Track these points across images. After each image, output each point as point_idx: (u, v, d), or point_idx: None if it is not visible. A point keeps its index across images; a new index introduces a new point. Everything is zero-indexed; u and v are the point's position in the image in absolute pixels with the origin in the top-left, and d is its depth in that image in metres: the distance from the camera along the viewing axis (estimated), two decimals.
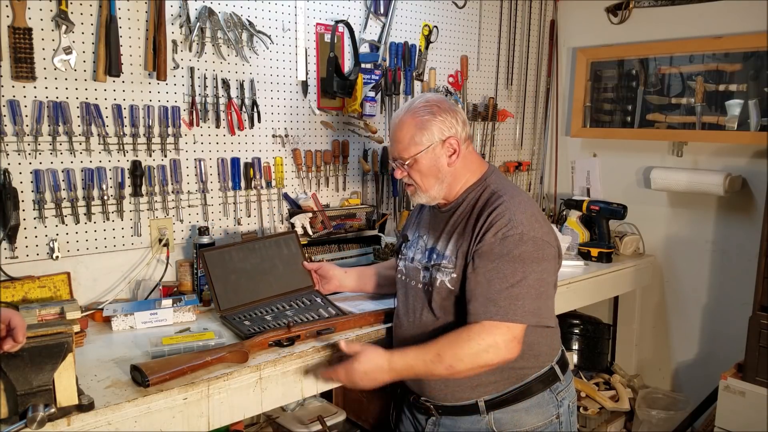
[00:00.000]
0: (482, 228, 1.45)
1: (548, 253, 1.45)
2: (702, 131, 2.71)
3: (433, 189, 1.56)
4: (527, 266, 1.40)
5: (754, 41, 2.54)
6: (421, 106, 1.54)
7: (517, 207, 1.45)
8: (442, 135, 1.52)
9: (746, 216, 2.69)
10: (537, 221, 1.45)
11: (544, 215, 1.53)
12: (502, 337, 1.39)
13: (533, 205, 1.50)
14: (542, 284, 1.42)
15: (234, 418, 1.49)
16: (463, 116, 1.56)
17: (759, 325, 2.28)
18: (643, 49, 2.90)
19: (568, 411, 1.57)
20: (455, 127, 1.53)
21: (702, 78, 2.70)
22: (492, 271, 1.41)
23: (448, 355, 1.40)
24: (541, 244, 1.43)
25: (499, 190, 1.51)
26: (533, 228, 1.42)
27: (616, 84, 3.02)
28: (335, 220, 2.43)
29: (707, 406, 2.60)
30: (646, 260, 2.90)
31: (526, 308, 1.39)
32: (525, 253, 1.40)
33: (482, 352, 1.38)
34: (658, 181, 2.80)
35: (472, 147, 1.59)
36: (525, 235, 1.41)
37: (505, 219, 1.43)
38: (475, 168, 1.57)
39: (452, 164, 1.54)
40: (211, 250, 1.89)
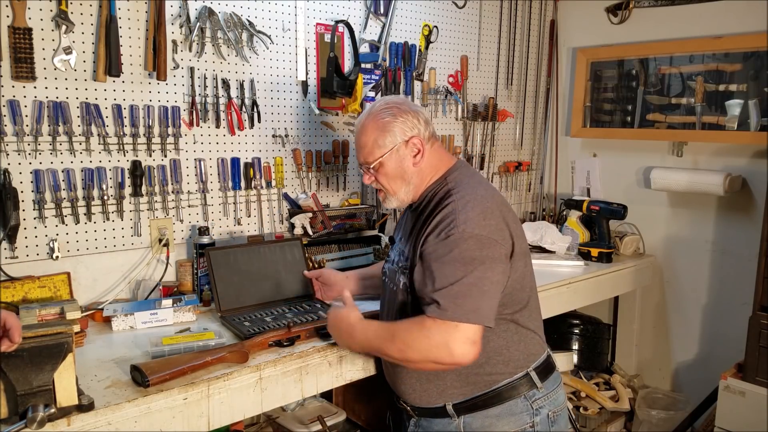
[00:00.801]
0: (429, 228, 1.43)
1: (494, 252, 1.38)
2: (702, 131, 2.71)
3: (401, 191, 1.55)
4: (468, 265, 1.36)
5: (754, 41, 2.54)
6: (381, 109, 1.53)
7: (464, 205, 1.41)
8: (404, 135, 1.51)
9: (746, 216, 2.69)
10: (486, 218, 1.40)
11: (505, 212, 1.45)
12: (452, 336, 1.34)
13: (485, 202, 1.43)
14: (485, 283, 1.36)
15: (234, 418, 1.49)
16: (425, 116, 1.55)
17: (759, 325, 2.28)
18: (643, 49, 2.90)
19: (548, 420, 1.50)
20: (417, 126, 1.52)
21: (702, 78, 2.70)
22: (435, 270, 1.38)
23: (401, 339, 1.41)
24: (485, 242, 1.37)
25: (455, 187, 1.47)
26: (479, 226, 1.38)
27: (616, 84, 3.02)
28: (335, 220, 2.43)
29: (707, 406, 2.60)
30: (646, 260, 2.90)
31: (466, 307, 1.34)
32: (466, 251, 1.36)
33: (433, 348, 1.36)
34: (658, 181, 2.80)
35: (437, 144, 1.57)
36: (466, 233, 1.37)
37: (449, 219, 1.40)
38: (440, 165, 1.55)
39: (417, 164, 1.52)
40: (216, 250, 1.91)
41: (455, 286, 1.35)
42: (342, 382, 1.70)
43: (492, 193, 1.48)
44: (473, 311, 1.34)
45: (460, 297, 1.34)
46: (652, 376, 3.09)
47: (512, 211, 1.51)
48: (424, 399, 1.52)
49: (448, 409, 1.49)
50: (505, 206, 1.48)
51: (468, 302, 1.34)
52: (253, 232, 2.29)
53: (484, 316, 1.36)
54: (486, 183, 1.54)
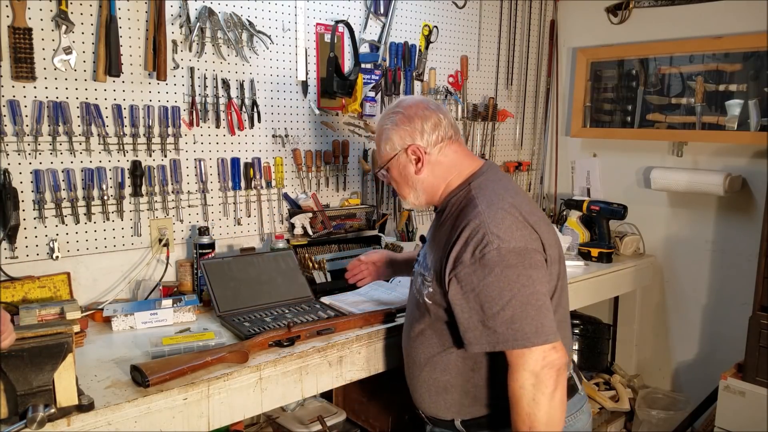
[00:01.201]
0: (457, 245, 1.33)
1: (535, 261, 1.31)
2: (702, 131, 2.71)
3: (410, 196, 1.53)
4: (514, 283, 1.27)
5: (754, 41, 2.54)
6: (388, 113, 1.51)
7: (493, 217, 1.32)
8: (403, 144, 1.47)
9: (746, 216, 2.69)
10: (519, 229, 1.32)
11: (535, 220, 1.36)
12: (531, 363, 1.25)
13: (514, 212, 1.34)
14: (538, 297, 1.28)
15: (234, 418, 1.49)
16: (434, 120, 1.46)
17: (759, 325, 2.28)
18: (643, 49, 2.90)
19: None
20: (420, 133, 1.46)
21: (702, 78, 2.70)
22: (479, 294, 1.29)
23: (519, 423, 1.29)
24: (525, 253, 1.29)
25: (478, 196, 1.39)
26: (514, 238, 1.29)
27: (616, 84, 3.02)
28: (335, 220, 2.43)
29: (707, 406, 2.60)
30: (646, 260, 2.90)
31: (525, 330, 1.25)
32: (508, 269, 1.27)
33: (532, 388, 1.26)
34: (658, 181, 2.80)
35: (455, 148, 1.49)
36: (503, 248, 1.28)
37: (480, 235, 1.30)
38: (459, 170, 1.48)
39: (420, 172, 1.47)
40: (211, 261, 1.94)
41: (507, 310, 1.26)
42: (342, 382, 1.70)
43: (521, 201, 1.39)
44: (534, 333, 1.25)
45: (517, 321, 1.25)
46: (652, 376, 3.09)
47: (544, 219, 1.43)
48: (434, 410, 1.48)
49: (457, 425, 1.45)
50: (534, 214, 1.39)
51: (526, 325, 1.25)
52: (253, 232, 2.29)
53: (549, 333, 1.26)
54: (514, 189, 1.44)
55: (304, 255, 2.16)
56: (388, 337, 1.77)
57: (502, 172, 1.52)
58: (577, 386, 1.47)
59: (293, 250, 2.17)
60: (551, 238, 1.41)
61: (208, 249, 2.04)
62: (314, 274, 2.09)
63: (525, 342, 1.25)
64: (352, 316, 1.78)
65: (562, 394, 1.29)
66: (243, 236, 2.27)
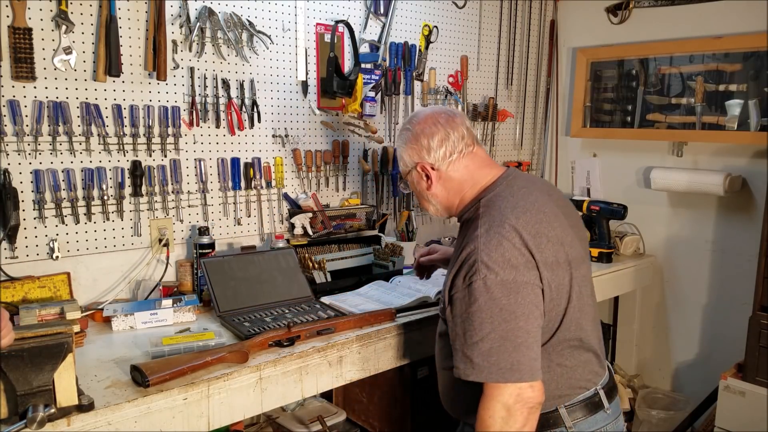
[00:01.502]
0: (455, 267, 1.33)
1: (523, 294, 1.26)
2: (702, 131, 2.71)
3: (430, 208, 1.54)
4: (495, 317, 1.25)
5: (754, 41, 2.54)
6: (401, 131, 1.53)
7: (486, 245, 1.29)
8: (412, 161, 1.48)
9: (746, 216, 2.69)
10: (511, 258, 1.27)
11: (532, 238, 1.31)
12: (504, 396, 1.25)
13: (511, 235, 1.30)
14: (518, 334, 1.25)
15: (234, 418, 1.49)
16: (440, 135, 1.44)
17: (759, 325, 2.28)
18: (643, 49, 2.90)
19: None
20: (426, 151, 1.46)
21: (702, 78, 2.70)
22: (464, 321, 1.29)
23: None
24: (511, 286, 1.26)
25: (482, 216, 1.36)
26: (503, 268, 1.26)
27: (616, 84, 3.02)
28: (335, 220, 2.43)
29: (707, 406, 2.60)
30: (646, 260, 2.90)
31: (501, 365, 1.24)
32: (491, 301, 1.25)
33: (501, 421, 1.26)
34: (658, 181, 2.80)
35: (467, 162, 1.46)
36: (489, 279, 1.25)
37: (471, 261, 1.29)
38: (473, 183, 1.46)
39: (431, 188, 1.48)
40: (211, 259, 1.93)
41: (484, 342, 1.25)
42: (342, 382, 1.70)
43: (527, 220, 1.33)
44: (510, 369, 1.24)
45: (494, 354, 1.25)
46: (652, 376, 3.09)
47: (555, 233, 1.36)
48: (456, 410, 1.50)
49: (470, 422, 1.41)
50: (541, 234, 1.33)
51: (502, 360, 1.24)
52: (254, 232, 2.29)
53: (524, 371, 1.24)
54: (523, 204, 1.37)
55: (304, 255, 2.16)
56: (388, 337, 1.77)
57: (522, 183, 1.45)
58: (602, 404, 1.43)
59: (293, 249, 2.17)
60: (558, 258, 1.35)
61: (208, 249, 2.04)
62: (314, 274, 2.09)
63: (498, 377, 1.24)
64: (352, 316, 1.78)
65: (530, 429, 1.27)
66: (243, 236, 2.27)
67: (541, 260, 1.31)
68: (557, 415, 1.38)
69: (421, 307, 1.92)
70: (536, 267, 1.30)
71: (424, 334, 1.87)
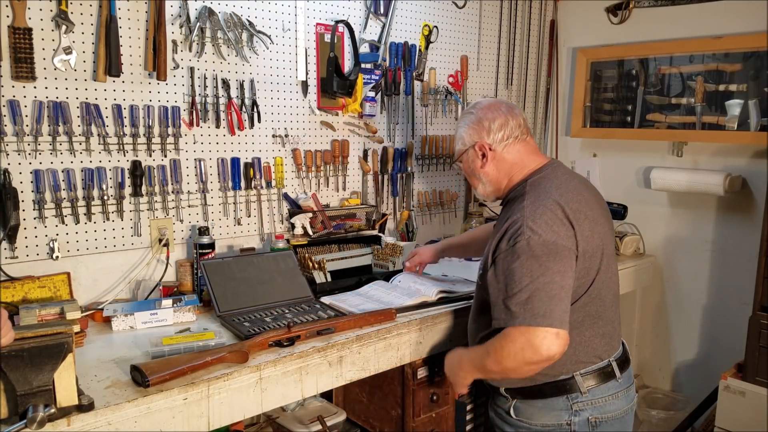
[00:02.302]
0: (499, 234, 1.52)
1: (561, 256, 1.45)
2: (702, 131, 2.71)
3: (478, 188, 1.72)
4: (534, 271, 1.43)
5: (754, 41, 2.54)
6: (464, 114, 1.73)
7: (533, 212, 1.48)
8: (471, 140, 1.67)
9: (746, 216, 2.69)
10: (553, 225, 1.46)
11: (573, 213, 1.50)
12: (532, 336, 1.41)
13: (555, 208, 1.49)
14: (553, 287, 1.42)
15: (234, 418, 1.49)
16: (501, 120, 1.64)
17: (759, 325, 2.28)
18: (643, 49, 2.90)
19: (588, 423, 1.56)
20: (487, 132, 1.65)
21: (702, 78, 2.70)
22: (506, 276, 1.46)
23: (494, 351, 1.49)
24: (551, 247, 1.44)
25: (530, 191, 1.55)
26: (545, 232, 1.45)
27: (616, 84, 3.02)
28: (335, 220, 2.43)
29: (707, 406, 2.60)
30: (646, 260, 2.90)
31: (534, 312, 1.41)
32: (531, 257, 1.43)
33: (519, 351, 1.43)
34: (658, 181, 2.80)
35: (520, 147, 1.65)
36: (532, 240, 1.44)
37: (517, 225, 1.48)
38: (521, 168, 1.64)
39: (485, 166, 1.66)
40: (210, 261, 1.94)
41: (523, 292, 1.42)
42: (342, 382, 1.70)
43: (570, 198, 1.52)
44: (542, 315, 1.40)
45: (529, 302, 1.41)
46: (652, 376, 3.09)
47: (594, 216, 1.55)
48: (487, 380, 1.67)
49: (502, 392, 1.64)
50: (581, 212, 1.52)
51: (537, 306, 1.41)
52: (254, 232, 2.29)
53: (555, 319, 1.41)
54: (566, 185, 1.56)
55: (304, 255, 2.16)
56: (388, 337, 1.77)
57: (564, 170, 1.65)
58: (614, 374, 1.60)
59: (293, 250, 2.17)
60: (593, 233, 1.53)
61: (208, 249, 2.04)
62: (314, 274, 2.09)
63: (531, 321, 1.41)
64: (352, 316, 1.78)
65: (534, 369, 1.45)
66: (243, 236, 2.27)
67: (579, 232, 1.49)
68: (573, 381, 1.56)
69: (421, 307, 1.92)
70: (574, 237, 1.48)
71: (424, 334, 1.87)
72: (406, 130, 2.74)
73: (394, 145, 2.69)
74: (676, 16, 2.83)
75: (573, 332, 1.50)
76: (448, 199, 2.93)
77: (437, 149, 2.85)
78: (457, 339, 1.96)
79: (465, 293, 2.02)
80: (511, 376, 1.50)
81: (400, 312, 1.86)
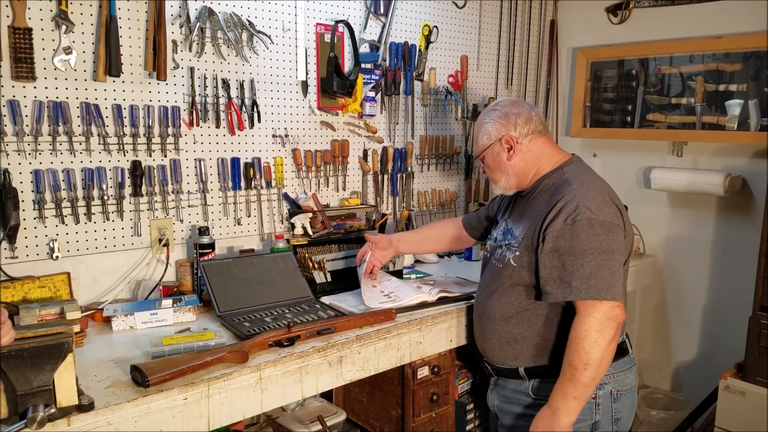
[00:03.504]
0: (551, 214, 1.57)
1: (618, 236, 1.55)
2: (702, 131, 2.71)
3: (501, 180, 1.76)
4: (596, 248, 1.51)
5: (754, 41, 2.54)
6: (488, 111, 1.78)
7: (586, 193, 1.56)
8: (498, 134, 1.72)
9: (746, 216, 2.69)
10: (606, 206, 1.56)
11: (615, 199, 1.62)
12: (599, 312, 1.49)
13: (602, 193, 1.59)
14: (613, 264, 1.52)
15: (234, 418, 1.49)
16: (526, 115, 1.72)
17: (759, 325, 2.28)
18: (643, 49, 2.90)
19: (611, 396, 1.63)
20: (513, 126, 1.72)
21: (702, 78, 2.70)
22: (565, 253, 1.53)
23: (577, 354, 1.51)
24: (609, 227, 1.53)
25: (572, 178, 1.63)
26: (603, 212, 1.54)
27: (616, 84, 3.02)
28: (335, 220, 2.43)
29: (707, 406, 2.60)
30: (647, 260, 2.90)
31: (599, 287, 1.49)
32: (594, 236, 1.51)
33: (594, 330, 1.49)
34: (658, 181, 2.80)
35: (542, 141, 1.73)
36: (593, 218, 1.52)
37: (573, 205, 1.55)
38: (548, 159, 1.72)
39: (512, 158, 1.71)
40: (210, 262, 1.95)
41: (586, 268, 1.50)
42: (342, 382, 1.70)
43: (608, 187, 1.65)
44: (606, 290, 1.50)
45: (593, 278, 1.50)
46: (652, 376, 3.09)
47: (625, 211, 1.65)
48: (502, 359, 1.72)
49: (520, 372, 1.69)
50: (620, 204, 1.62)
51: (600, 282, 1.50)
52: (254, 232, 2.29)
53: (617, 293, 1.51)
54: (601, 180, 1.68)
55: (304, 255, 2.16)
56: (388, 337, 1.77)
57: (588, 165, 1.74)
58: (628, 350, 1.70)
59: (293, 250, 2.17)
60: (628, 222, 1.64)
61: (208, 249, 2.04)
62: (314, 274, 2.09)
63: (596, 295, 1.49)
64: (352, 316, 1.79)
65: (614, 346, 1.53)
66: (243, 236, 2.27)
67: (624, 215, 1.60)
68: None
69: (421, 307, 1.92)
70: (622, 218, 1.58)
71: (424, 334, 1.87)
72: (406, 130, 2.74)
73: (394, 145, 2.69)
74: (676, 16, 2.83)
75: None
76: (448, 199, 2.93)
77: (437, 149, 2.85)
78: (457, 339, 1.96)
79: (465, 293, 2.02)
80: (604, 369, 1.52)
81: (400, 312, 1.86)
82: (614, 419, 1.64)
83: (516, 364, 1.69)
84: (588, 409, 1.60)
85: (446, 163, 2.91)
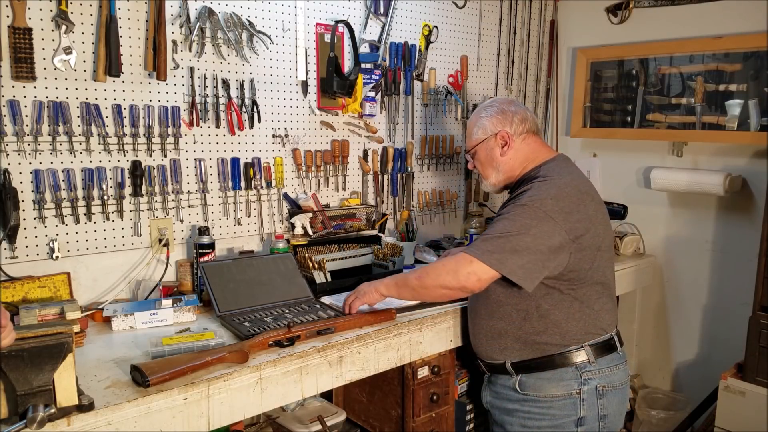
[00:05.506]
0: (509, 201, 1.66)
1: (545, 226, 1.55)
2: (702, 131, 2.71)
3: (492, 177, 1.81)
4: (513, 226, 1.56)
5: (754, 41, 2.54)
6: (485, 106, 1.83)
7: (543, 186, 1.61)
8: (494, 129, 1.77)
9: (746, 216, 2.69)
10: (553, 200, 1.58)
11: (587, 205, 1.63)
12: (463, 266, 1.57)
13: (564, 188, 1.61)
14: (520, 244, 1.54)
15: (234, 418, 1.49)
16: (522, 115, 1.78)
17: (759, 325, 2.28)
18: (643, 49, 2.90)
19: (596, 392, 1.65)
20: (509, 123, 1.76)
21: (702, 78, 2.70)
22: (492, 225, 1.63)
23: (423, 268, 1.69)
24: (541, 215, 1.56)
25: (545, 174, 1.67)
26: (543, 203, 1.57)
27: (616, 84, 3.02)
28: (335, 220, 2.43)
29: (707, 406, 2.61)
30: (647, 260, 2.90)
31: (487, 250, 1.56)
32: (518, 215, 1.57)
33: (443, 273, 1.62)
34: (658, 181, 2.80)
35: (533, 140, 1.78)
36: (528, 204, 1.57)
37: (528, 192, 1.61)
38: (534, 157, 1.76)
39: (504, 154, 1.77)
40: (209, 263, 1.95)
41: (492, 237, 1.58)
42: (342, 382, 1.70)
43: (577, 184, 1.66)
44: (491, 253, 1.55)
45: (489, 243, 1.57)
46: (652, 376, 3.09)
47: (600, 208, 1.71)
48: (490, 354, 1.77)
49: (507, 367, 1.72)
50: (589, 201, 1.65)
51: (492, 248, 1.56)
52: (254, 232, 2.29)
53: (504, 265, 1.55)
54: (578, 176, 1.72)
55: (304, 255, 2.16)
56: (388, 337, 1.77)
57: (574, 165, 1.78)
58: (616, 347, 1.72)
59: (293, 250, 2.17)
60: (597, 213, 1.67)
61: (208, 249, 2.04)
62: (314, 274, 2.09)
63: (475, 252, 1.57)
64: (352, 316, 1.78)
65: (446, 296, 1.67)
66: (243, 236, 2.27)
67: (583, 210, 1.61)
68: (582, 351, 1.66)
69: (421, 307, 1.92)
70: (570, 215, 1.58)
71: (423, 334, 1.87)
72: (406, 130, 2.74)
73: (394, 145, 2.69)
74: (676, 16, 2.83)
75: (583, 307, 1.65)
76: (448, 199, 2.93)
77: (437, 149, 2.85)
78: (457, 339, 1.96)
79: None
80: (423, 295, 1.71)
81: (400, 312, 1.86)
82: (600, 415, 1.67)
83: (503, 358, 1.73)
84: (572, 405, 1.65)
85: (446, 163, 2.91)
